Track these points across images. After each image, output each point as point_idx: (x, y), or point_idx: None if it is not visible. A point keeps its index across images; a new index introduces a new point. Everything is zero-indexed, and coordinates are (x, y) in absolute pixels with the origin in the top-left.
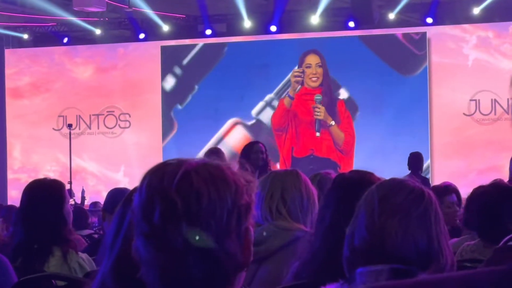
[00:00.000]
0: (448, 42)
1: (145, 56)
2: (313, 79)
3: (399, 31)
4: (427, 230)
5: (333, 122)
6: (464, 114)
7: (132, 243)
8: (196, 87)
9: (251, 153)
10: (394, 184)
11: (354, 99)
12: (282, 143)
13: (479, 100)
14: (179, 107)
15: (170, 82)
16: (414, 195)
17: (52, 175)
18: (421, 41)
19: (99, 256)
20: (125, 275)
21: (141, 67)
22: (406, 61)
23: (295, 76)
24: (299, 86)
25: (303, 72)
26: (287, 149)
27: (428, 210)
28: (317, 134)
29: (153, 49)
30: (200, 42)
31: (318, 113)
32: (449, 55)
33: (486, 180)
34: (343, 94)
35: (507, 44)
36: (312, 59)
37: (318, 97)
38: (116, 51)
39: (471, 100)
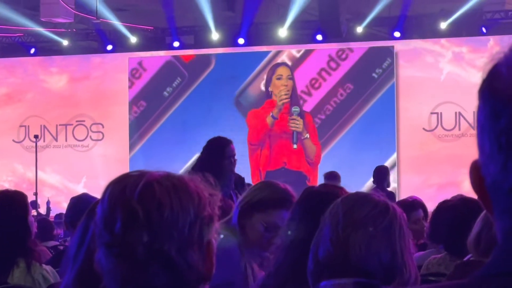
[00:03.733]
0: (416, 56)
1: (113, 67)
2: (283, 91)
3: (366, 45)
4: (391, 244)
5: (307, 135)
6: (424, 129)
7: (95, 254)
8: (164, 99)
9: (222, 159)
10: (359, 197)
11: (320, 112)
12: (255, 157)
13: (441, 113)
14: (147, 118)
15: (137, 93)
16: (379, 209)
17: (7, 186)
18: (389, 55)
19: (62, 268)
20: (88, 286)
21: (109, 79)
22: (374, 75)
23: (283, 99)
24: (282, 106)
25: (286, 93)
26: (262, 163)
27: (393, 224)
28: (294, 146)
29: (121, 60)
30: (168, 54)
31: (297, 125)
32: (417, 69)
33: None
34: (310, 107)
35: (475, 58)
36: (283, 71)
37: (295, 109)
38: (86, 62)
39: (432, 113)
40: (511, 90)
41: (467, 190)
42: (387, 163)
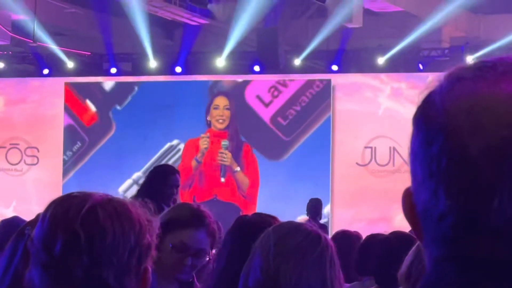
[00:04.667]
0: (353, 90)
1: (49, 91)
2: (220, 121)
3: (304, 77)
4: (322, 274)
5: (238, 168)
6: (357, 163)
7: (26, 272)
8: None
9: (165, 187)
10: (291, 227)
11: (257, 143)
12: (184, 193)
13: (375, 147)
14: (80, 144)
15: (72, 119)
16: (311, 239)
17: None
18: (326, 88)
19: None
20: None
21: (45, 103)
22: (312, 108)
23: (203, 143)
24: (205, 151)
25: (208, 137)
26: (189, 198)
27: (324, 255)
28: (222, 179)
29: (57, 85)
30: (105, 80)
31: (225, 159)
32: (354, 103)
33: (376, 230)
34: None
35: (413, 94)
36: (220, 101)
37: (224, 143)
38: (22, 85)
39: (366, 147)
40: (443, 118)
41: (398, 225)
42: (321, 196)
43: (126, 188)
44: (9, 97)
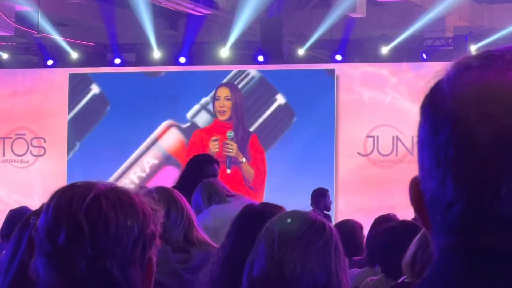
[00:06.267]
0: (356, 80)
1: (53, 82)
2: (221, 112)
3: (307, 67)
4: (327, 263)
5: (244, 159)
6: (359, 153)
7: (31, 262)
8: (103, 116)
9: (201, 176)
10: (296, 216)
11: (262, 133)
12: None
13: (377, 137)
14: (86, 136)
15: (77, 110)
16: (315, 228)
17: None
18: (329, 78)
19: None
20: None
21: (49, 94)
22: (314, 98)
23: (214, 146)
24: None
25: (218, 140)
26: None
27: (329, 244)
28: (228, 171)
29: (61, 75)
30: (109, 71)
31: (230, 150)
32: (357, 92)
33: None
34: (255, 127)
35: (416, 83)
36: (222, 92)
37: (230, 133)
38: (26, 76)
39: (368, 136)
40: (450, 106)
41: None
42: (326, 186)
43: (194, 113)
44: (13, 88)
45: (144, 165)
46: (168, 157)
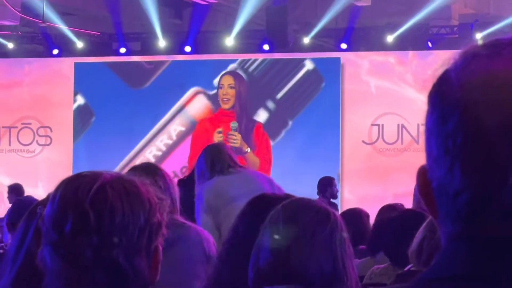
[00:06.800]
0: (362, 68)
1: (59, 71)
2: (224, 100)
3: (313, 56)
4: (332, 251)
5: (248, 149)
6: (363, 142)
7: (38, 251)
8: (110, 105)
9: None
10: (300, 205)
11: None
12: None
13: (382, 125)
14: (92, 125)
15: (83, 99)
16: (320, 216)
17: None
18: (335, 67)
19: (0, 270)
20: (26, 287)
21: (55, 83)
22: (319, 87)
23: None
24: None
25: (222, 132)
26: None
27: (334, 232)
28: None
29: (67, 65)
30: (114, 60)
31: (234, 141)
32: (363, 81)
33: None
34: (261, 116)
35: (421, 71)
36: (225, 80)
37: (234, 124)
38: (31, 66)
39: (373, 125)
40: (458, 94)
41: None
42: (331, 175)
43: None
44: (19, 78)
45: (171, 132)
46: (195, 124)
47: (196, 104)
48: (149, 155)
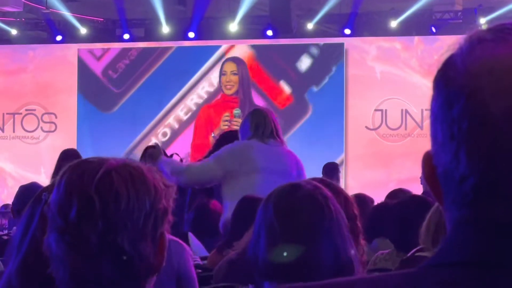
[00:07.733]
0: (366, 54)
1: (63, 58)
2: (227, 86)
3: (316, 41)
4: (332, 242)
5: None
6: (366, 127)
7: (44, 237)
8: (115, 91)
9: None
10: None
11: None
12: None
13: (386, 110)
14: (97, 111)
15: (88, 86)
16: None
17: None
18: (339, 52)
19: (6, 257)
20: (32, 274)
21: (58, 70)
22: (322, 72)
23: (224, 124)
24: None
25: (229, 116)
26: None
27: (332, 221)
28: None
29: (70, 51)
30: (118, 46)
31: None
32: (366, 66)
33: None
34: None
35: (425, 57)
36: (228, 67)
37: (237, 111)
38: (35, 52)
39: (376, 110)
40: (464, 79)
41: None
42: (337, 160)
43: None
44: (22, 64)
45: (175, 119)
46: (198, 110)
47: (200, 90)
48: (154, 142)
